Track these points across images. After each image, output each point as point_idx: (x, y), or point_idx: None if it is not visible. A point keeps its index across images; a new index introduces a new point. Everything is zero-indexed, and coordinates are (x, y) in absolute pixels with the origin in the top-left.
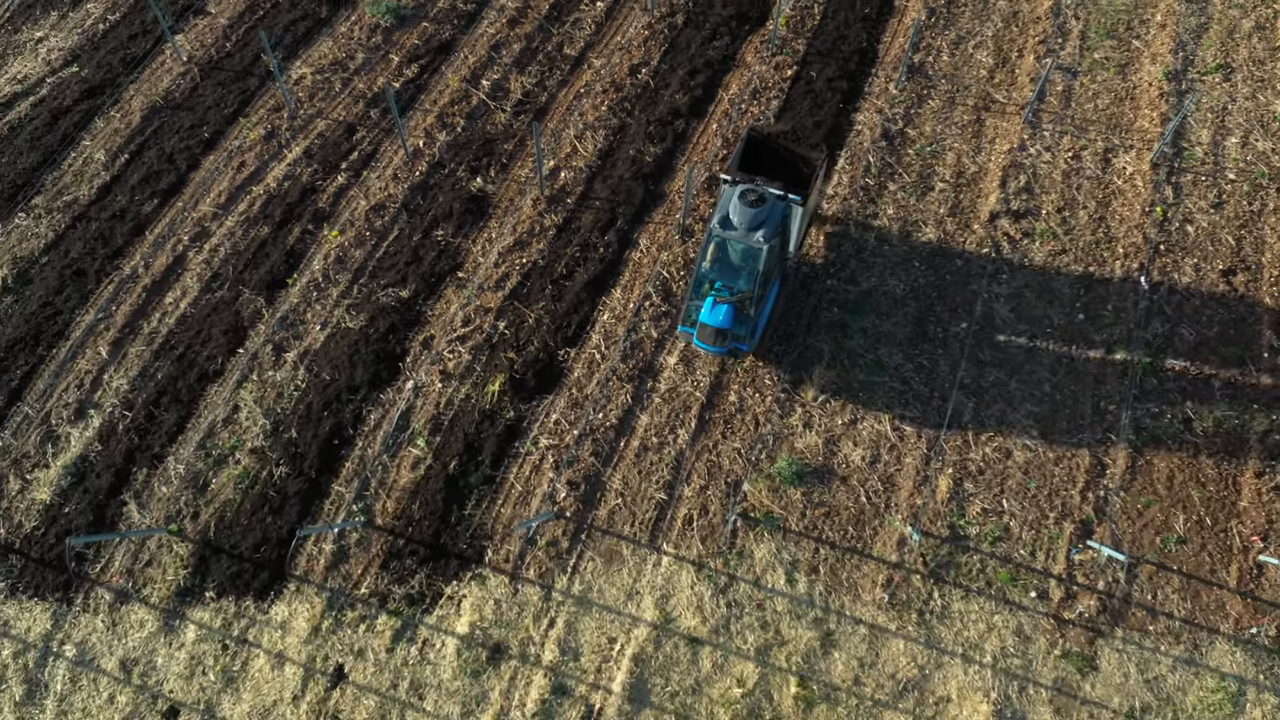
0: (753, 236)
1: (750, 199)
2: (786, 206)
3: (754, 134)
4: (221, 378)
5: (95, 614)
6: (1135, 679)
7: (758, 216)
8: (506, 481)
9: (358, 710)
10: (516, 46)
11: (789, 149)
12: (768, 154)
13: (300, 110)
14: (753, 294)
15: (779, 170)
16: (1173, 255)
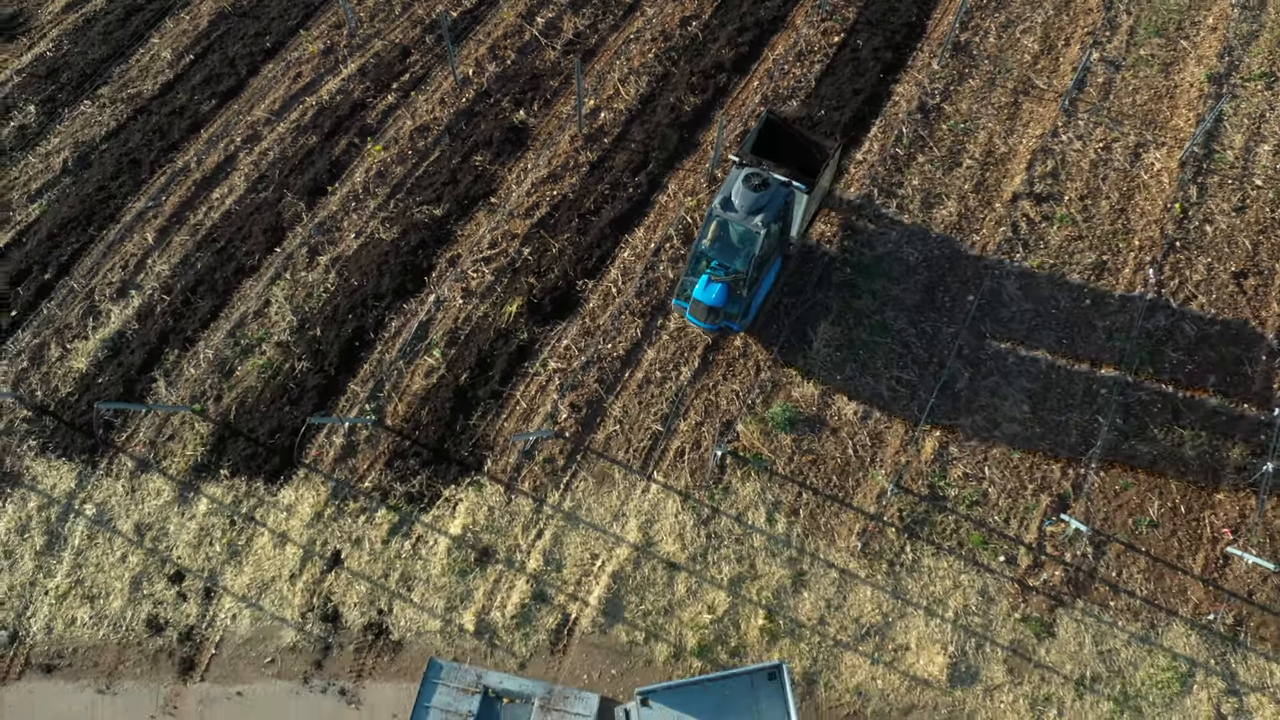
0: (752, 220)
1: (754, 183)
2: (789, 193)
3: (772, 118)
4: (256, 273)
5: (116, 479)
6: (1089, 649)
7: (759, 201)
8: (512, 398)
9: (349, 594)
10: None
11: (805, 136)
12: (783, 139)
13: (359, 29)
14: (747, 275)
15: (793, 156)
16: (1187, 253)
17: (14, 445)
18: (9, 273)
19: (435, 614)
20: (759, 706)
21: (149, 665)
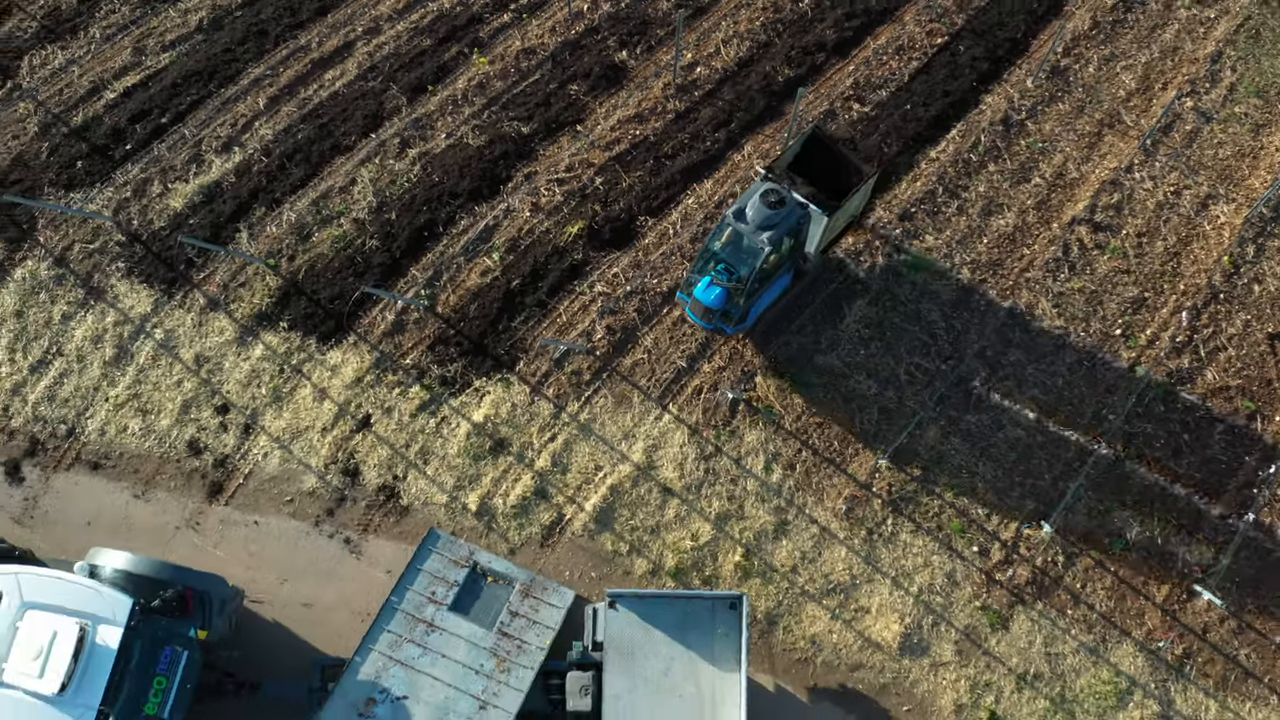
0: (759, 236)
1: (771, 199)
2: (805, 214)
3: (817, 133)
4: (349, 153)
5: (187, 311)
6: (1038, 648)
7: (771, 218)
8: (555, 310)
9: (371, 456)
10: None
11: (845, 157)
12: (823, 156)
13: None
14: (746, 285)
15: (829, 174)
16: (1228, 305)
17: (105, 264)
18: (131, 110)
19: (444, 489)
20: (715, 630)
21: (183, 482)
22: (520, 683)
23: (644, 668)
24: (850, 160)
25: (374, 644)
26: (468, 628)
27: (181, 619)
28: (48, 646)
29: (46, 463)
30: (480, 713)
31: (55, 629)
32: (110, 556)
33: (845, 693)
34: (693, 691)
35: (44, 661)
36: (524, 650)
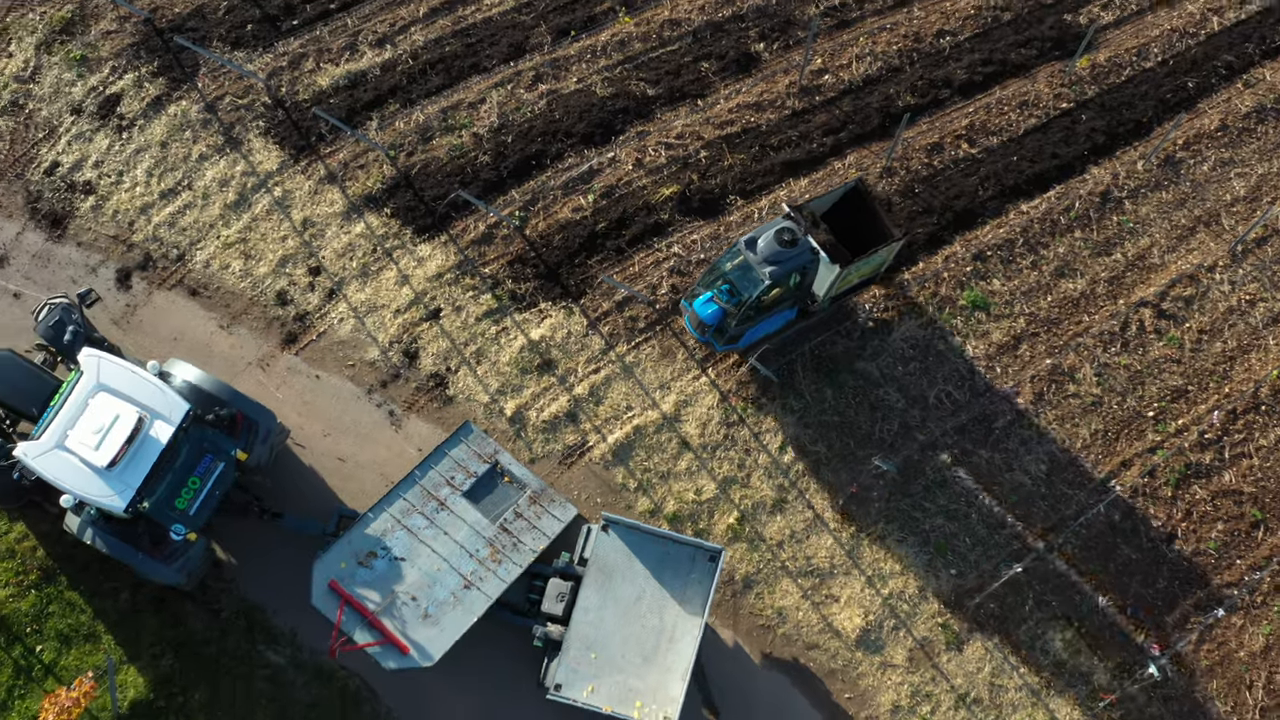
0: (764, 268)
1: (785, 238)
2: (813, 260)
3: (859, 186)
4: (486, 74)
5: (307, 178)
6: (984, 676)
7: (779, 255)
8: (630, 259)
9: (431, 345)
10: None
11: (878, 216)
12: (858, 209)
13: None
14: (740, 311)
15: (860, 227)
16: (1267, 418)
17: (248, 120)
18: None
19: (487, 390)
20: (689, 576)
21: (264, 325)
22: (506, 575)
23: (618, 591)
24: (882, 220)
25: (388, 507)
26: (474, 515)
27: (228, 437)
28: (109, 425)
29: (153, 279)
30: (463, 590)
31: (118, 413)
32: (183, 368)
33: (796, 667)
34: (655, 624)
35: (102, 437)
36: (518, 548)
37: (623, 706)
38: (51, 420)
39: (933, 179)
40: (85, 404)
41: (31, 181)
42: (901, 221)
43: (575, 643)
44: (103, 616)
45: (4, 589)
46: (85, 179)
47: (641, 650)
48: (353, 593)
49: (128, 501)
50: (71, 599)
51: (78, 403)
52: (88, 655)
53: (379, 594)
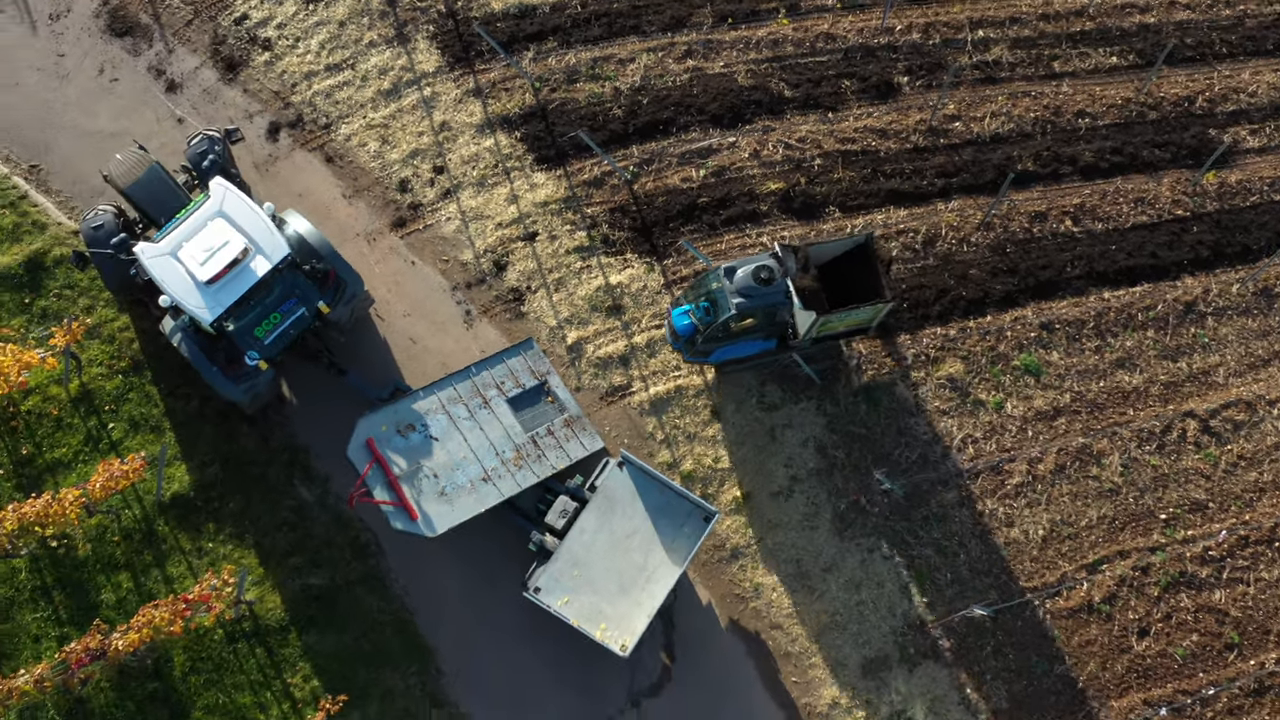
0: (734, 298)
1: (762, 275)
2: (785, 302)
3: (869, 242)
4: (643, 38)
5: (456, 86)
6: (924, 700)
7: (751, 289)
8: (719, 237)
9: (520, 263)
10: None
11: (878, 275)
12: (862, 263)
13: None
14: (706, 331)
15: (856, 280)
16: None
17: (420, 21)
18: None
19: (557, 317)
20: (681, 528)
21: (381, 205)
22: (522, 480)
23: (616, 523)
24: (879, 280)
25: (439, 391)
26: (511, 421)
27: (317, 288)
28: (217, 248)
29: (298, 138)
30: (481, 482)
31: (229, 239)
32: (296, 220)
33: (756, 641)
34: (639, 561)
35: (209, 256)
36: (540, 461)
37: (588, 624)
38: (172, 231)
39: (1027, 244)
40: (204, 224)
41: (220, 25)
42: (899, 286)
43: (564, 556)
44: (171, 415)
45: (98, 367)
46: (266, 36)
47: (620, 581)
48: (384, 454)
49: (215, 317)
50: (150, 392)
51: (197, 222)
52: (148, 443)
53: (406, 462)
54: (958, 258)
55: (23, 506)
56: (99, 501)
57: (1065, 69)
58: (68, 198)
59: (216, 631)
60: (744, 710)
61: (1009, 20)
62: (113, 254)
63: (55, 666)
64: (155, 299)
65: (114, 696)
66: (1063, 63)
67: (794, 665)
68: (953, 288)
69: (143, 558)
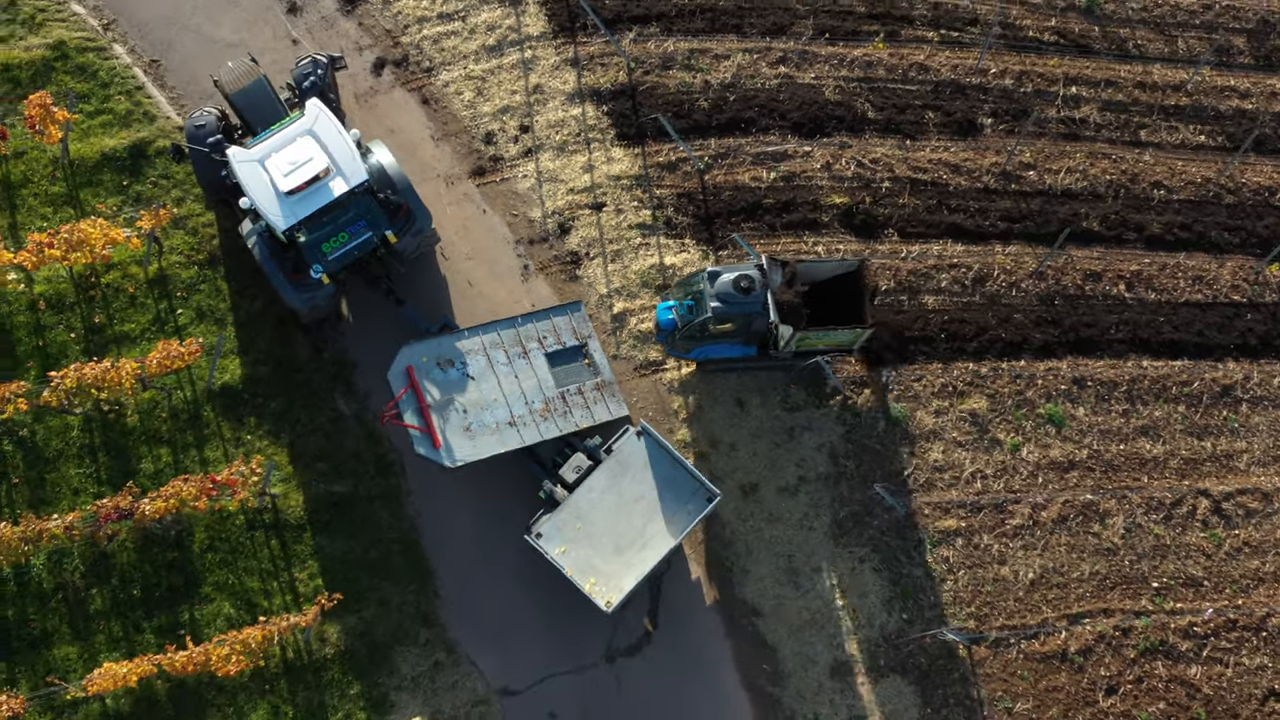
0: (712, 302)
1: (742, 284)
2: (760, 313)
3: (860, 268)
4: (742, 38)
5: (557, 54)
6: (884, 711)
7: (729, 296)
8: (776, 238)
9: (583, 229)
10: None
11: (863, 301)
12: (851, 288)
13: None
14: (683, 329)
15: (848, 301)
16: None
17: None
18: None
19: (607, 286)
20: (684, 504)
21: (464, 152)
22: (545, 432)
23: (623, 487)
24: (863, 305)
25: (483, 334)
26: (545, 375)
27: (388, 217)
28: (302, 162)
29: (400, 77)
30: (506, 426)
31: (313, 156)
32: (381, 151)
33: (736, 623)
34: (639, 526)
35: (293, 169)
36: (566, 417)
37: (579, 576)
38: (264, 141)
39: (1076, 299)
40: (293, 139)
41: None
42: (874, 314)
43: (570, 509)
44: (235, 311)
45: (177, 255)
46: None
47: (617, 541)
48: (420, 382)
49: (288, 226)
50: (220, 286)
51: (288, 136)
52: (209, 333)
53: (439, 393)
54: (1004, 300)
55: (84, 368)
56: (154, 377)
57: (1151, 139)
58: (179, 95)
59: (238, 517)
60: (712, 685)
61: (1105, 83)
62: (208, 153)
63: (86, 518)
64: (238, 200)
65: (135, 558)
66: (1150, 132)
67: (767, 653)
68: (993, 327)
69: (184, 436)
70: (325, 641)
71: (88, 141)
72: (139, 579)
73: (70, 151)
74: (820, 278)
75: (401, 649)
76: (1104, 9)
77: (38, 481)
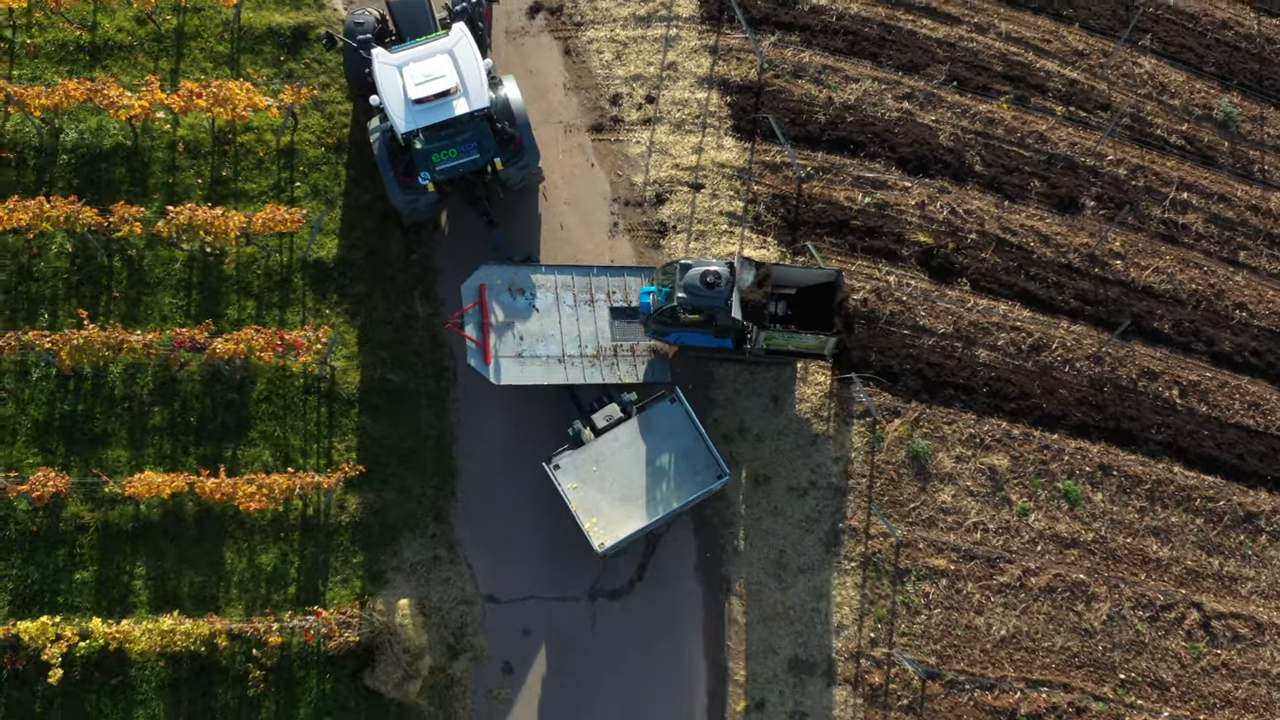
0: (677, 291)
1: (709, 279)
2: (723, 309)
3: (838, 279)
4: (875, 66)
5: (699, 38)
6: (827, 713)
7: (694, 288)
8: (852, 259)
9: (677, 204)
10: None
11: (836, 313)
12: (826, 299)
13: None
14: (654, 314)
15: (820, 310)
16: None
17: None
18: None
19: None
20: (695, 475)
21: (589, 107)
22: (589, 377)
23: (645, 444)
24: (834, 318)
25: (558, 273)
26: (604, 325)
27: (500, 146)
28: (434, 76)
29: (550, 25)
30: (555, 362)
31: (446, 74)
32: (511, 86)
33: (714, 596)
34: (648, 484)
35: (425, 80)
36: (612, 369)
37: (583, 513)
38: (408, 49)
39: (1125, 391)
40: (433, 54)
41: None
42: (838, 327)
43: (591, 451)
44: (346, 196)
45: (309, 134)
46: None
47: (626, 492)
48: (489, 301)
49: (408, 130)
50: (339, 171)
51: (429, 50)
52: (317, 209)
53: (503, 315)
54: (1055, 373)
55: (199, 210)
56: (257, 234)
57: (1249, 261)
58: None
59: (299, 379)
60: (677, 648)
61: (1218, 196)
62: (357, 48)
63: (165, 341)
64: (370, 97)
65: (199, 389)
66: (1250, 255)
67: (735, 632)
68: (1036, 396)
69: (271, 295)
70: (344, 510)
71: (259, 13)
72: (197, 409)
73: (241, 18)
74: (798, 284)
75: (409, 536)
76: (1240, 127)
77: (134, 300)
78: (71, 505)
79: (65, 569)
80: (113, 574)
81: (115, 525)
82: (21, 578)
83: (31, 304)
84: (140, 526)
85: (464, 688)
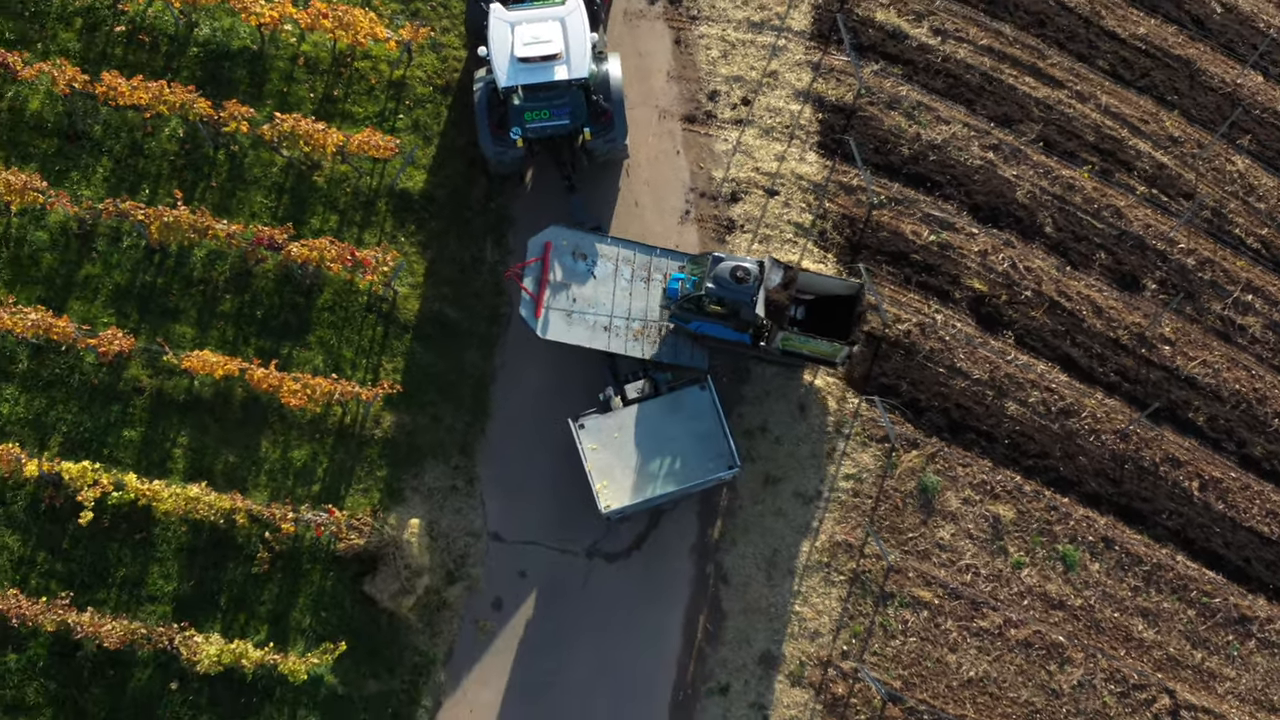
0: (707, 281)
1: (738, 274)
2: (747, 304)
3: (861, 290)
4: (970, 111)
5: (804, 53)
6: (785, 713)
7: (722, 281)
8: (904, 291)
9: (749, 205)
10: None
11: (854, 320)
12: (846, 308)
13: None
14: (679, 301)
15: (839, 318)
16: None
17: None
18: None
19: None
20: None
21: (687, 98)
22: (629, 349)
23: (669, 421)
24: (851, 325)
25: (623, 247)
26: (655, 303)
27: (592, 117)
28: (542, 40)
29: (667, 13)
30: (600, 329)
31: (553, 39)
32: (614, 64)
33: (702, 579)
34: (664, 461)
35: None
36: (654, 346)
37: (596, 474)
38: (524, 10)
39: (1145, 472)
40: (545, 19)
41: None
42: (855, 338)
43: (616, 419)
44: (442, 137)
45: (420, 72)
46: None
47: (640, 464)
48: (552, 259)
49: (507, 85)
50: (441, 112)
51: (543, 14)
52: (413, 143)
53: (561, 275)
54: (1079, 440)
55: (304, 121)
56: (352, 155)
57: None
58: None
59: (362, 296)
60: (658, 618)
61: None
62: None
63: (247, 235)
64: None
65: (270, 285)
66: None
67: (714, 616)
68: (1055, 458)
69: (353, 214)
70: (378, 425)
71: None
72: (265, 304)
73: None
74: (822, 291)
75: (433, 462)
76: None
77: (229, 192)
78: (133, 367)
79: (116, 424)
80: (157, 438)
81: (168, 394)
82: (76, 424)
83: (137, 178)
84: (190, 400)
85: (454, 613)
